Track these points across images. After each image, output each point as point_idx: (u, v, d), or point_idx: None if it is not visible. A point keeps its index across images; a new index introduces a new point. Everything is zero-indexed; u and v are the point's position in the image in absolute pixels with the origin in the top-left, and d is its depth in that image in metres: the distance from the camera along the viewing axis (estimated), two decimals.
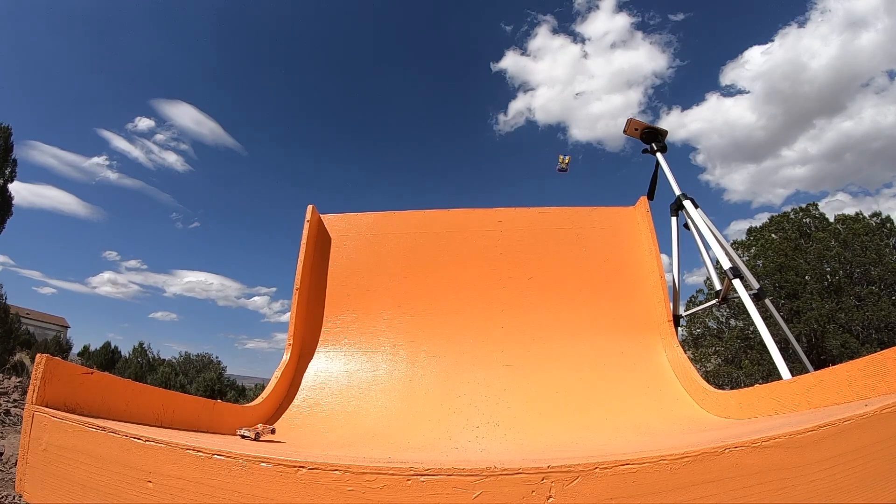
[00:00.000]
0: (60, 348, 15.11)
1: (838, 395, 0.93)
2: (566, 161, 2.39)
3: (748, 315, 1.93)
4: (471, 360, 1.76)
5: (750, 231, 15.73)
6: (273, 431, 1.25)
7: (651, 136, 2.49)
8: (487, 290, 1.94)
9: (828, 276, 13.68)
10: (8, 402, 4.60)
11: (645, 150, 2.51)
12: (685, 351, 1.68)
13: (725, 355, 13.87)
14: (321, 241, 2.11)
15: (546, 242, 2.04)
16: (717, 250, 2.07)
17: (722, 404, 1.34)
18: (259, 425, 1.24)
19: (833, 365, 0.99)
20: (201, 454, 0.62)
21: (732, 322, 14.47)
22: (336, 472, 0.57)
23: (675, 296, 2.09)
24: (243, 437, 1.17)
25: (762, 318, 1.86)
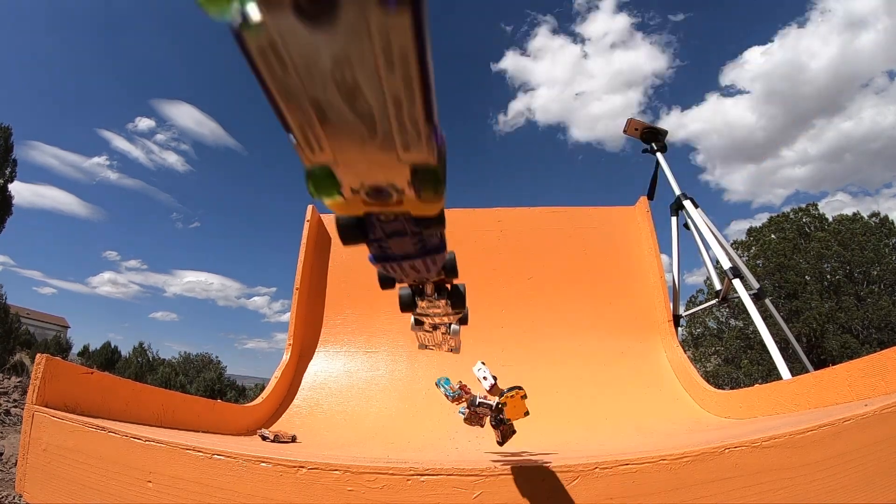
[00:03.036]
0: (60, 348, 15.10)
1: (838, 395, 0.93)
2: None
3: (748, 315, 1.93)
4: (471, 360, 1.76)
5: (750, 231, 15.73)
6: (294, 439, 1.25)
7: (651, 136, 2.50)
8: (487, 290, 1.94)
9: (827, 276, 13.68)
10: (8, 402, 4.60)
11: (645, 150, 2.52)
12: (685, 351, 1.68)
13: (725, 355, 13.87)
14: (321, 241, 2.11)
15: (546, 242, 2.04)
16: (717, 250, 2.07)
17: (722, 404, 1.34)
18: (281, 431, 1.25)
19: (833, 365, 0.99)
20: (201, 454, 0.62)
21: (732, 322, 14.47)
22: (336, 472, 0.57)
23: (675, 296, 2.09)
24: (264, 438, 1.19)
25: (762, 317, 1.86)
